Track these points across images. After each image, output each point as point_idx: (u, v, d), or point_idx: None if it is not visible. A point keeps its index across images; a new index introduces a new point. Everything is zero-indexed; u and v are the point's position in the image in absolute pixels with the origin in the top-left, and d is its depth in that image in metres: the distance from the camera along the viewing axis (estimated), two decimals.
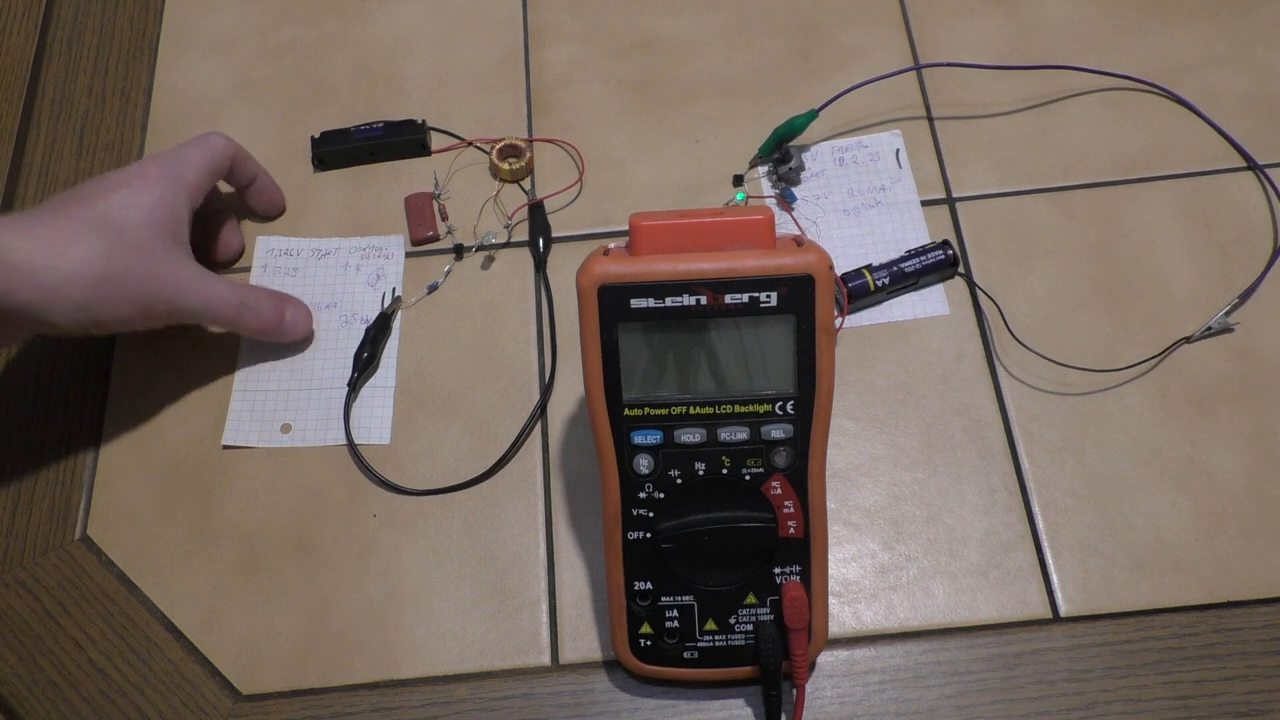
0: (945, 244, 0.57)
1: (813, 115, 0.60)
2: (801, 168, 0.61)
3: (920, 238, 0.59)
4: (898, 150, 0.62)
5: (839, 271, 0.57)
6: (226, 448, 0.55)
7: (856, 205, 0.60)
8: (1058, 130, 0.62)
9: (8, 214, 0.48)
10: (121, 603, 0.51)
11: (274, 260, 0.60)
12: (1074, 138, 0.62)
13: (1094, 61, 0.63)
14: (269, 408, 0.55)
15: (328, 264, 0.60)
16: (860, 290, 0.56)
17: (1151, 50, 0.64)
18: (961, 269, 0.58)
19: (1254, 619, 0.49)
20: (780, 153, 0.60)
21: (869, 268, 0.57)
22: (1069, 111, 0.63)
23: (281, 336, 0.56)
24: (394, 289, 0.59)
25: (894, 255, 0.58)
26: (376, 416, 0.55)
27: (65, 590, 0.52)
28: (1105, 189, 0.60)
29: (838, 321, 0.56)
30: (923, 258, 0.57)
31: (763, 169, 0.62)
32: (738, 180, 0.61)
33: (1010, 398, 0.55)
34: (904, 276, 0.57)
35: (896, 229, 0.59)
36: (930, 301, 0.57)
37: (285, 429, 0.55)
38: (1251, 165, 0.60)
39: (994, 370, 0.55)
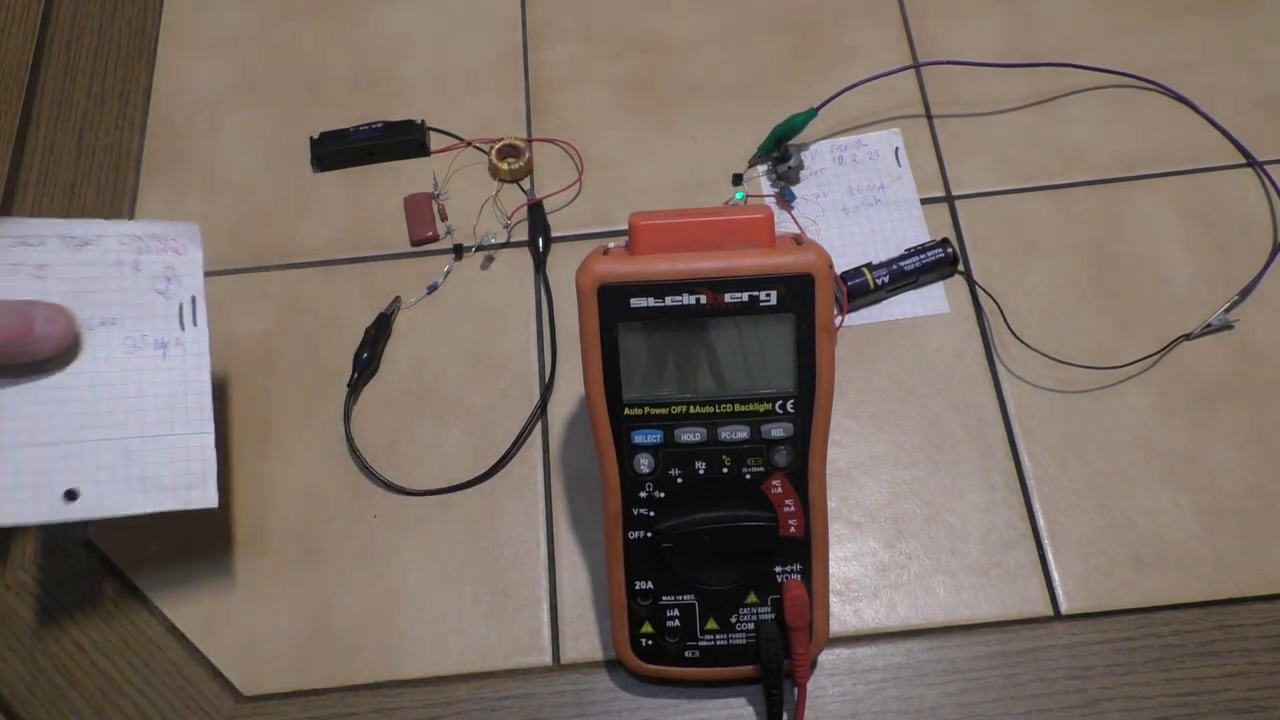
0: (945, 242, 0.57)
1: (812, 114, 0.60)
2: (801, 166, 0.61)
3: (920, 236, 0.59)
4: (897, 148, 0.62)
5: (838, 270, 0.57)
6: None
7: (856, 204, 0.60)
8: (1057, 128, 0.62)
9: None
10: (123, 604, 0.51)
11: (7, 252, 0.45)
12: (1073, 135, 0.62)
13: (1093, 59, 0.63)
14: (44, 469, 0.43)
15: (91, 260, 0.46)
16: (860, 289, 0.56)
17: (1150, 47, 0.64)
18: (961, 267, 0.58)
19: (1255, 616, 0.49)
20: (779, 151, 0.60)
21: (869, 266, 0.57)
22: (1068, 109, 0.63)
23: (34, 350, 0.43)
24: (193, 297, 0.47)
25: (893, 254, 0.57)
26: (194, 465, 0.45)
27: (67, 592, 0.52)
28: (1105, 186, 0.60)
29: (837, 320, 0.56)
30: (922, 256, 0.57)
31: (762, 168, 0.62)
32: (737, 179, 0.61)
33: (1010, 396, 0.55)
34: (904, 275, 0.56)
35: (896, 227, 0.59)
36: (930, 300, 0.57)
37: (70, 496, 0.44)
38: (1251, 162, 0.60)
39: (994, 368, 0.55)
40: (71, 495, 0.44)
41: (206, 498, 0.45)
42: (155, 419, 0.45)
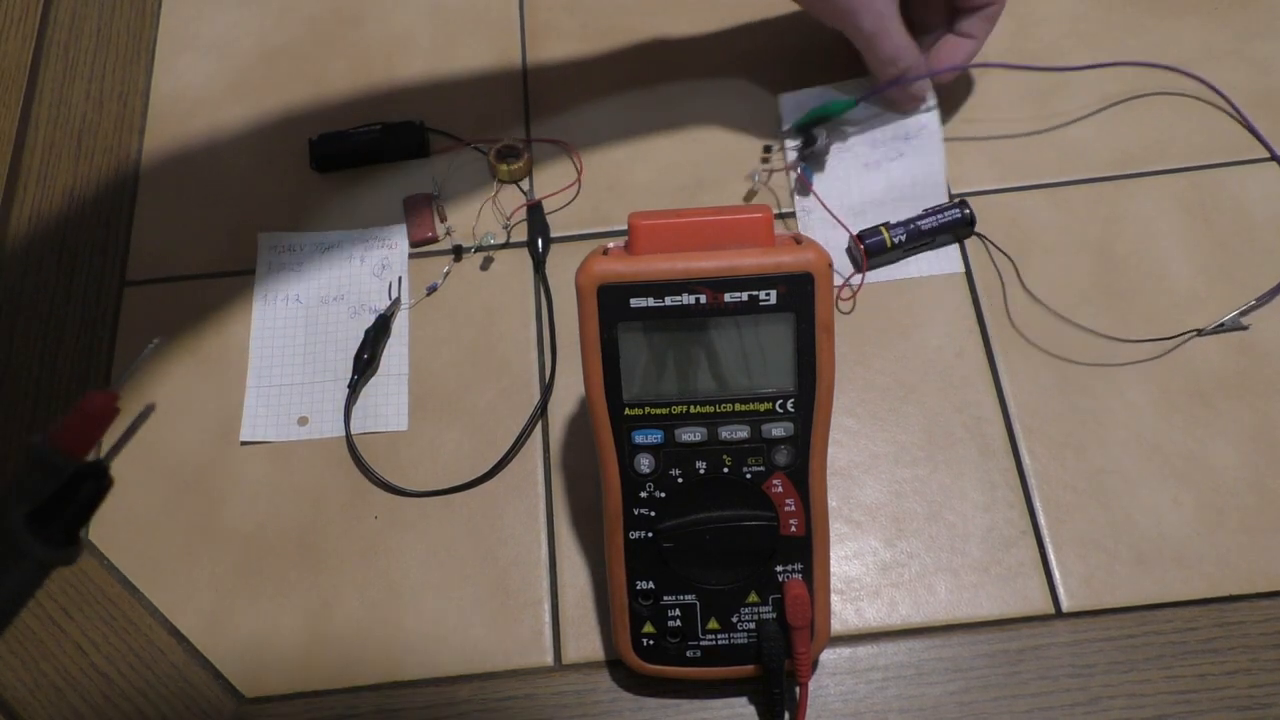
0: (962, 202, 0.57)
1: (851, 103, 0.60)
2: (825, 152, 0.60)
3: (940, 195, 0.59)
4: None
5: (856, 229, 0.57)
6: (245, 443, 0.55)
7: (879, 158, 0.60)
8: (1057, 125, 0.62)
9: None
10: (124, 606, 0.51)
11: (276, 257, 0.60)
12: (1073, 133, 0.62)
13: (1092, 57, 0.63)
14: (284, 402, 0.56)
15: (331, 258, 0.60)
16: (877, 247, 0.57)
17: (1151, 44, 0.64)
18: (977, 228, 0.58)
19: (1256, 613, 0.49)
20: (806, 136, 0.60)
21: (886, 225, 0.57)
22: (1069, 106, 0.63)
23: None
24: (399, 278, 0.59)
25: (912, 212, 0.58)
26: (392, 404, 0.56)
27: (67, 594, 0.52)
28: (1105, 184, 0.60)
29: (856, 279, 0.57)
30: (939, 215, 0.57)
31: (790, 143, 0.61)
32: (767, 150, 0.61)
33: (1011, 393, 0.54)
34: (920, 234, 0.57)
35: (918, 180, 0.59)
36: (944, 260, 0.58)
37: (302, 422, 0.55)
38: (1271, 154, 0.60)
39: (994, 366, 0.55)
40: (302, 421, 0.55)
41: (401, 425, 0.55)
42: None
